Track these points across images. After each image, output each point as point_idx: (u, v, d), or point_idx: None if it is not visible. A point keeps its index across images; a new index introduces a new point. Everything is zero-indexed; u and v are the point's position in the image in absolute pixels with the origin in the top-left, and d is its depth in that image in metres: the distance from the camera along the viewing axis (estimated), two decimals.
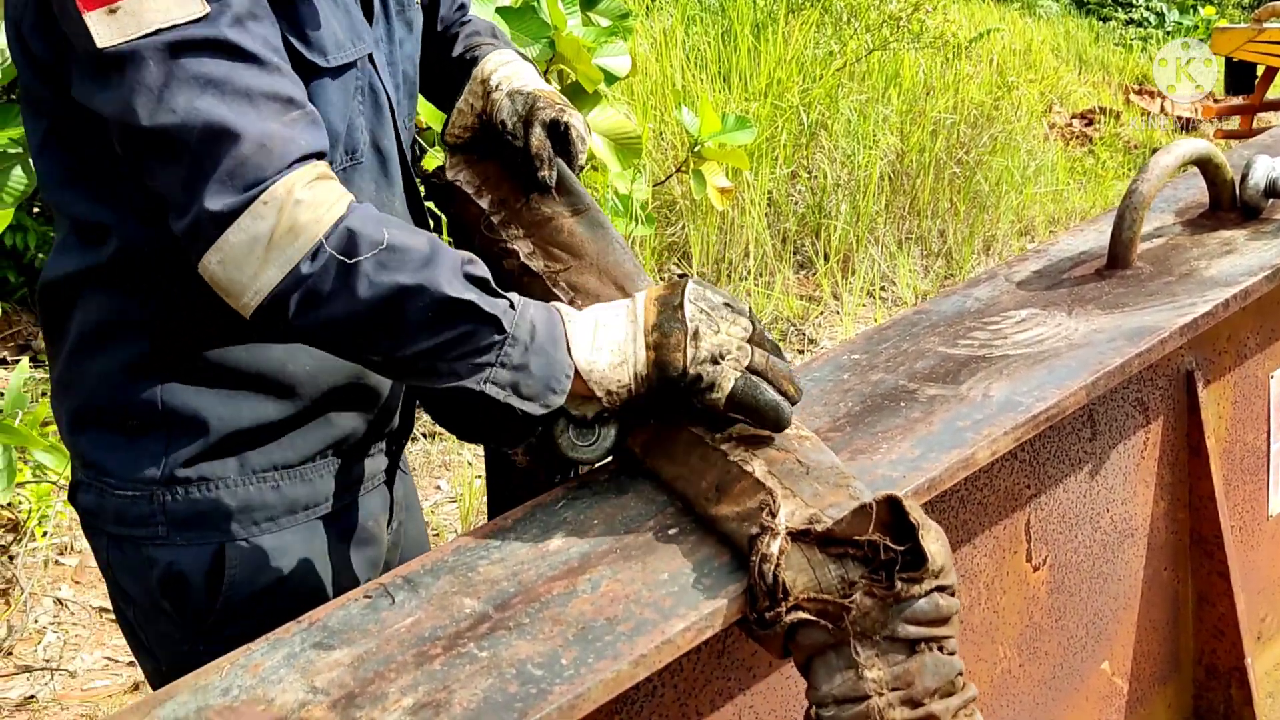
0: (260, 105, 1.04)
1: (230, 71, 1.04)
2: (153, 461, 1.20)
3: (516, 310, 1.08)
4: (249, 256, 1.02)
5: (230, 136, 1.02)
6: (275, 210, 1.02)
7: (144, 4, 1.03)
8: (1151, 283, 1.49)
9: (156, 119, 1.02)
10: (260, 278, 1.03)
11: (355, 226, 1.04)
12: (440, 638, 0.96)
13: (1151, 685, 1.59)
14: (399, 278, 1.03)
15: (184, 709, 0.91)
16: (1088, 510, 1.46)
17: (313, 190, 1.04)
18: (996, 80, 5.97)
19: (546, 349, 1.08)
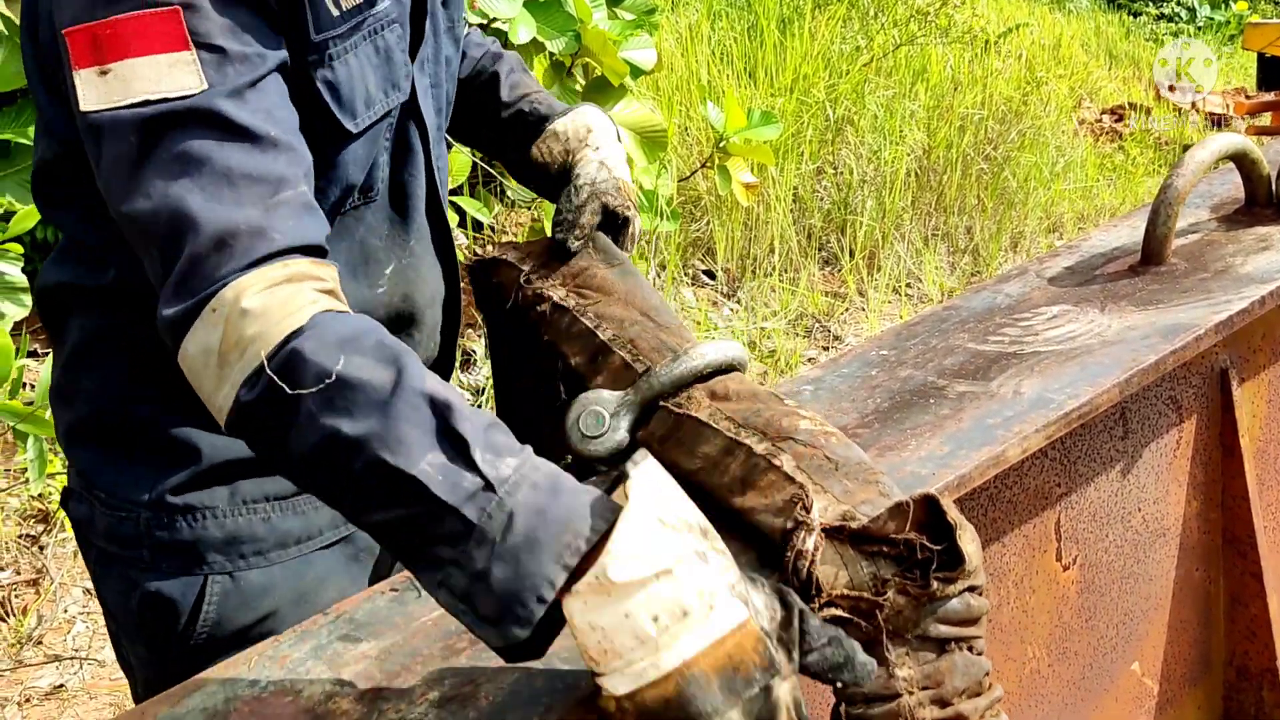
0: (239, 189, 0.92)
1: (214, 150, 0.93)
2: (142, 484, 1.16)
3: (500, 490, 0.80)
4: (205, 370, 0.89)
5: (191, 229, 0.90)
6: (222, 320, 0.88)
7: (136, 70, 0.94)
8: (1186, 279, 1.47)
9: (130, 204, 0.93)
10: (218, 396, 0.89)
11: (305, 349, 0.84)
12: (467, 631, 0.96)
13: (1182, 687, 1.57)
14: (340, 423, 0.82)
15: (212, 699, 0.91)
16: (1119, 509, 1.44)
17: (267, 297, 0.88)
18: (1025, 75, 5.92)
19: (519, 553, 0.79)
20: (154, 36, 0.94)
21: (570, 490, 0.82)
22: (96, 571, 1.22)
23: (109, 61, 0.94)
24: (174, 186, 0.91)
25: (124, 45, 0.94)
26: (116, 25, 0.94)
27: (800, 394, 1.28)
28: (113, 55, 0.94)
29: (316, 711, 0.89)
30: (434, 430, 0.82)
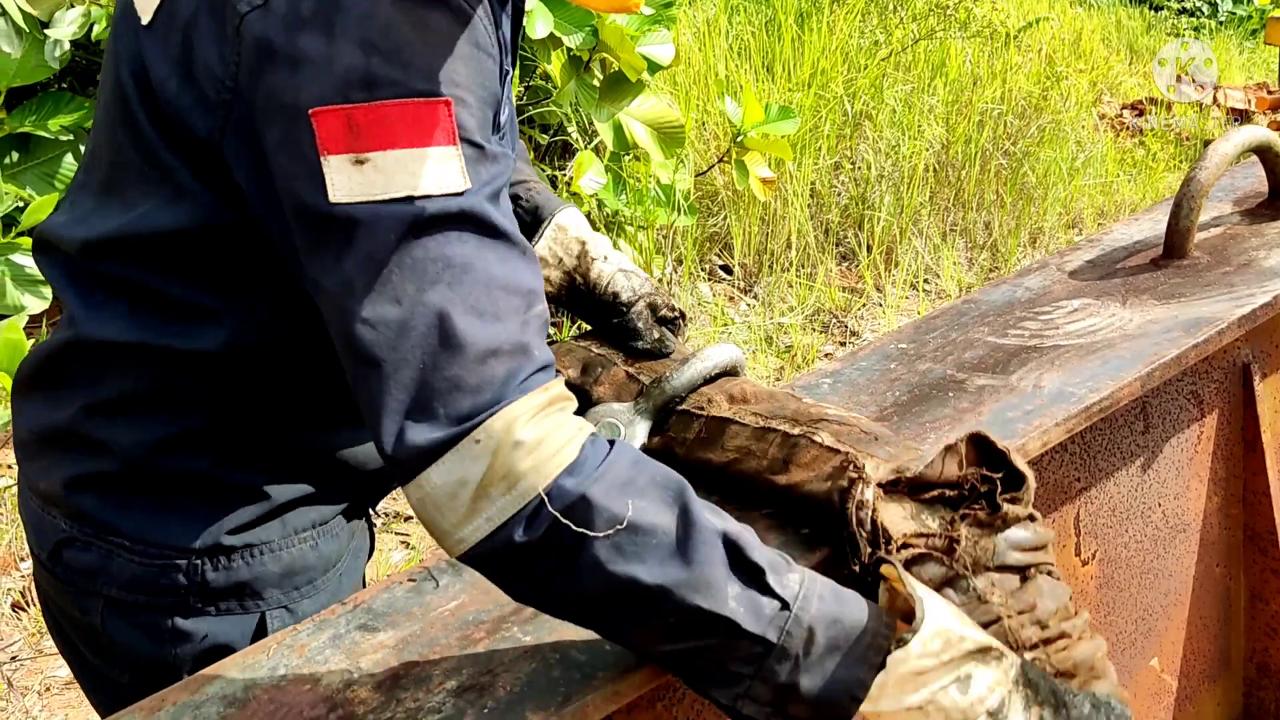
0: (499, 302, 0.85)
1: (475, 257, 0.85)
2: (189, 530, 1.08)
3: (794, 607, 0.85)
4: (450, 502, 0.83)
5: (452, 346, 0.83)
6: (489, 452, 0.82)
7: (401, 163, 0.84)
8: (1209, 273, 1.46)
9: (375, 308, 0.84)
10: (463, 528, 0.84)
11: (593, 494, 0.82)
12: (484, 621, 0.96)
13: (1201, 683, 1.56)
14: (637, 572, 0.82)
15: (232, 687, 0.91)
16: (1139, 504, 1.43)
17: (538, 428, 0.83)
18: (1045, 70, 5.89)
19: (825, 662, 0.85)
20: (423, 128, 0.85)
21: (851, 597, 0.89)
22: (106, 625, 1.12)
23: (368, 150, 0.84)
24: (432, 294, 0.84)
25: (388, 134, 0.84)
26: (380, 111, 0.84)
27: (819, 387, 1.27)
28: (373, 144, 0.84)
29: (335, 700, 0.89)
30: (728, 565, 0.85)
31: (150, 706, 0.90)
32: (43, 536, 1.15)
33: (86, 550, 1.11)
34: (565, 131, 3.81)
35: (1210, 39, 8.25)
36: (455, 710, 0.87)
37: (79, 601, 1.13)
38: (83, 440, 1.10)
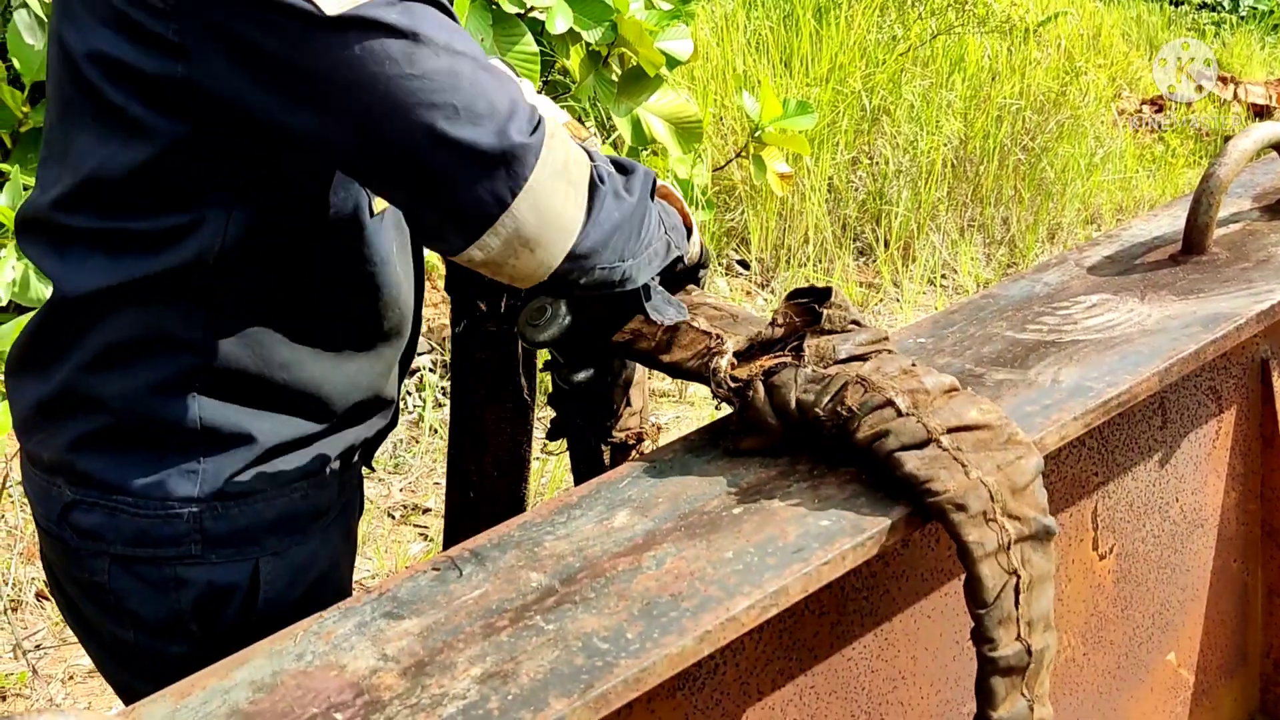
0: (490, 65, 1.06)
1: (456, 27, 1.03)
2: (187, 479, 1.15)
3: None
4: (561, 184, 1.05)
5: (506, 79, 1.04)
6: (555, 133, 1.05)
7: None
8: (1227, 269, 1.46)
9: (426, 64, 0.98)
10: (574, 202, 1.07)
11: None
12: (507, 610, 0.98)
13: (1218, 678, 1.56)
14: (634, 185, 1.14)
15: (260, 672, 0.93)
16: (1156, 499, 1.44)
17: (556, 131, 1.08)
18: (1064, 65, 5.86)
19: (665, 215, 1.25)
20: None
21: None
22: (113, 583, 1.18)
23: None
24: (456, 40, 1.00)
25: None
26: None
27: None
28: None
29: (361, 685, 0.91)
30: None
31: (180, 690, 0.92)
32: (49, 506, 1.20)
33: (91, 511, 1.16)
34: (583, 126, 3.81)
35: (1231, 34, 8.19)
36: (480, 696, 0.88)
37: (87, 563, 1.19)
38: (79, 400, 1.15)
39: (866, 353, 1.13)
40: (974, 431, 1.07)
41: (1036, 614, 1.05)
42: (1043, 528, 1.05)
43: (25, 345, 1.20)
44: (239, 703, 0.90)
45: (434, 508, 3.11)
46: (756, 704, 1.12)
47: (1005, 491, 1.04)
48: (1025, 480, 1.05)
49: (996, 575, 1.03)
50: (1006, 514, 1.04)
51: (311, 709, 0.89)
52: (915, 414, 1.07)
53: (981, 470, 1.04)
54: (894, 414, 1.07)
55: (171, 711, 0.90)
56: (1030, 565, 1.04)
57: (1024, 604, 1.04)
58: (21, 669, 2.48)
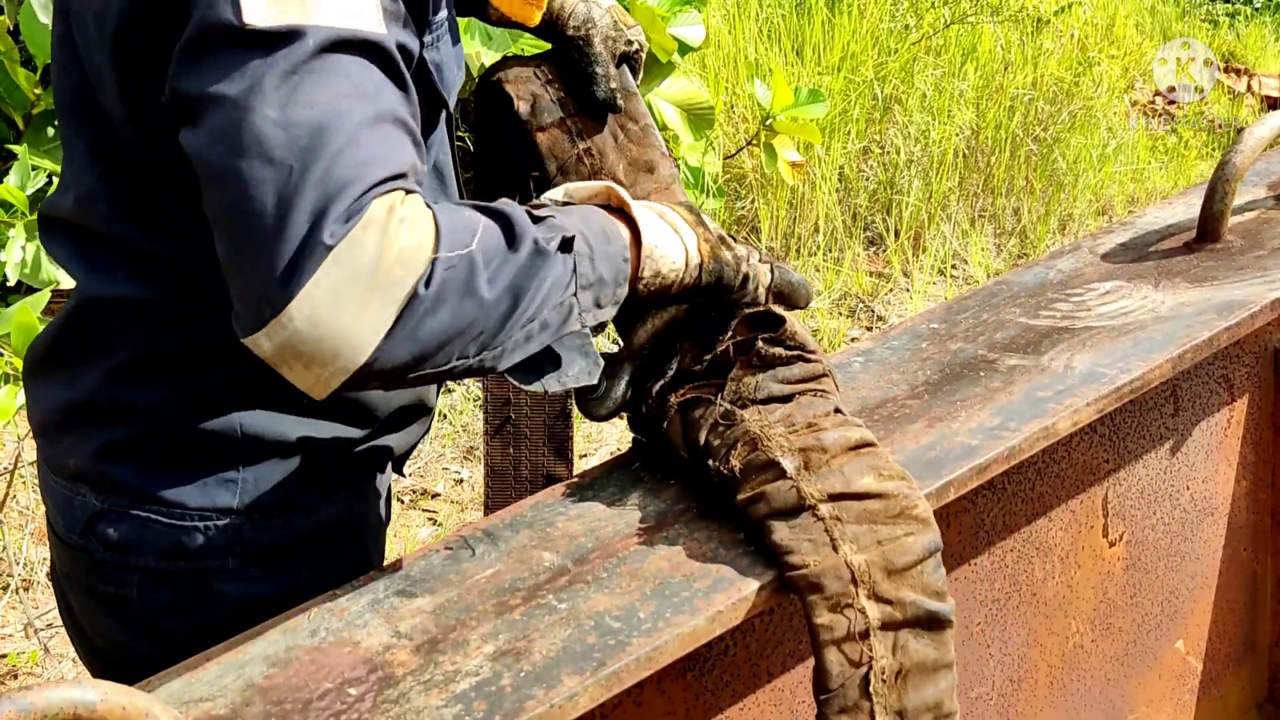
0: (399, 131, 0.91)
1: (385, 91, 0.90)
2: (226, 489, 1.10)
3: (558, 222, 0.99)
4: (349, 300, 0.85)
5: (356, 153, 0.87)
6: (379, 234, 0.86)
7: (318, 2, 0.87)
8: (1241, 256, 1.46)
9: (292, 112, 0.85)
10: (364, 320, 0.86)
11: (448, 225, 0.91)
12: (520, 589, 0.98)
13: (1226, 666, 1.56)
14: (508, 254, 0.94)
15: (274, 647, 0.94)
16: (1167, 487, 1.44)
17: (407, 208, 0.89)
18: (1077, 56, 5.84)
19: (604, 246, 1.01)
20: None
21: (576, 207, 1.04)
22: (142, 596, 1.12)
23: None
24: (344, 103, 0.87)
25: None
26: None
27: (850, 365, 1.28)
28: None
29: (375, 661, 0.91)
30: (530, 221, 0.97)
31: (195, 665, 0.93)
32: (70, 517, 1.13)
33: (121, 521, 1.10)
34: None
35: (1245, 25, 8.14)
36: (492, 673, 0.89)
37: (113, 576, 1.13)
38: (108, 408, 1.09)
39: (791, 393, 1.07)
40: (862, 501, 1.00)
41: (914, 705, 0.97)
42: (926, 613, 0.97)
43: (48, 345, 1.14)
44: (254, 677, 0.91)
45: (442, 493, 3.12)
46: (766, 686, 1.13)
47: (878, 572, 0.97)
48: (907, 560, 0.97)
49: (840, 664, 0.95)
50: (875, 597, 0.96)
51: (325, 684, 0.89)
52: (796, 480, 1.00)
53: (857, 545, 0.97)
54: (775, 475, 1.01)
55: (186, 685, 0.90)
56: (905, 653, 0.96)
57: (887, 693, 0.96)
58: (33, 648, 2.49)
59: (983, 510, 1.25)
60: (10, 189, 2.17)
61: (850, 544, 0.97)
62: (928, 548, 0.98)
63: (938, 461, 1.09)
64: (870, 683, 0.95)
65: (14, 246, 2.31)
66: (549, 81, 1.24)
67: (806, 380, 1.08)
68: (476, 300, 0.91)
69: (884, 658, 0.96)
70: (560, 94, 1.23)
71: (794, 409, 1.06)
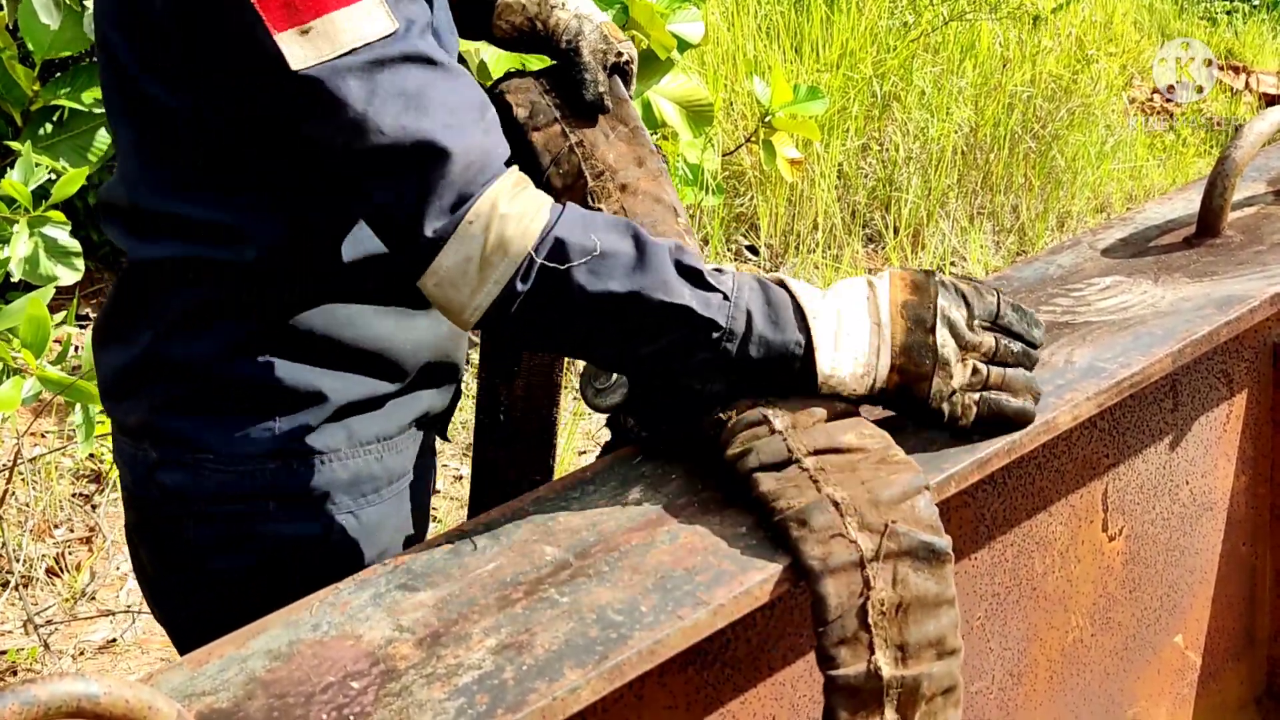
0: (461, 116, 1.04)
1: (427, 85, 1.03)
2: (262, 436, 1.19)
3: (731, 300, 1.05)
4: (463, 278, 1.03)
5: (440, 155, 1.02)
6: (483, 228, 1.02)
7: (336, 24, 1.00)
8: (1241, 252, 1.46)
9: (368, 140, 1.02)
10: (477, 296, 1.03)
11: (563, 235, 1.03)
12: (522, 583, 0.98)
13: (1225, 661, 1.57)
14: (611, 286, 1.03)
15: (276, 641, 0.94)
16: (1166, 482, 1.44)
17: (517, 201, 1.03)
18: (1076, 53, 5.84)
19: (766, 336, 1.05)
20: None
21: (773, 283, 1.09)
22: (197, 539, 1.22)
23: (308, 20, 1.00)
24: (406, 119, 1.01)
25: (316, 4, 1.00)
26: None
27: None
28: (310, 13, 1.00)
29: (377, 655, 0.91)
30: (677, 271, 1.04)
31: (197, 659, 0.93)
32: (135, 470, 1.23)
33: (176, 470, 1.20)
34: None
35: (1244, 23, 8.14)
36: (495, 667, 0.89)
37: (171, 523, 1.23)
38: (161, 364, 1.19)
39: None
40: (845, 454, 1.02)
41: (916, 639, 0.96)
42: (922, 544, 0.97)
43: (107, 315, 1.25)
44: (256, 671, 0.91)
45: (443, 489, 3.12)
46: (768, 679, 1.13)
47: (863, 505, 0.97)
48: (892, 494, 0.98)
49: (838, 594, 0.95)
50: (865, 528, 0.97)
51: (328, 678, 0.90)
52: (785, 435, 1.03)
53: (841, 487, 0.99)
54: (765, 432, 1.04)
55: (189, 679, 0.90)
56: (904, 586, 0.96)
57: (888, 626, 0.95)
58: (33, 644, 2.49)
59: (983, 504, 1.25)
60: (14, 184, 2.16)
61: (834, 486, 0.99)
62: (913, 483, 0.99)
63: (939, 455, 1.09)
64: (868, 613, 0.95)
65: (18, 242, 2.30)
66: (546, 91, 1.30)
67: None
68: (572, 307, 1.04)
69: (883, 589, 0.95)
70: (556, 100, 1.30)
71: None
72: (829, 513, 0.97)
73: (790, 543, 0.97)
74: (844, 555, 0.96)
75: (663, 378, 1.10)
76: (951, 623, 0.98)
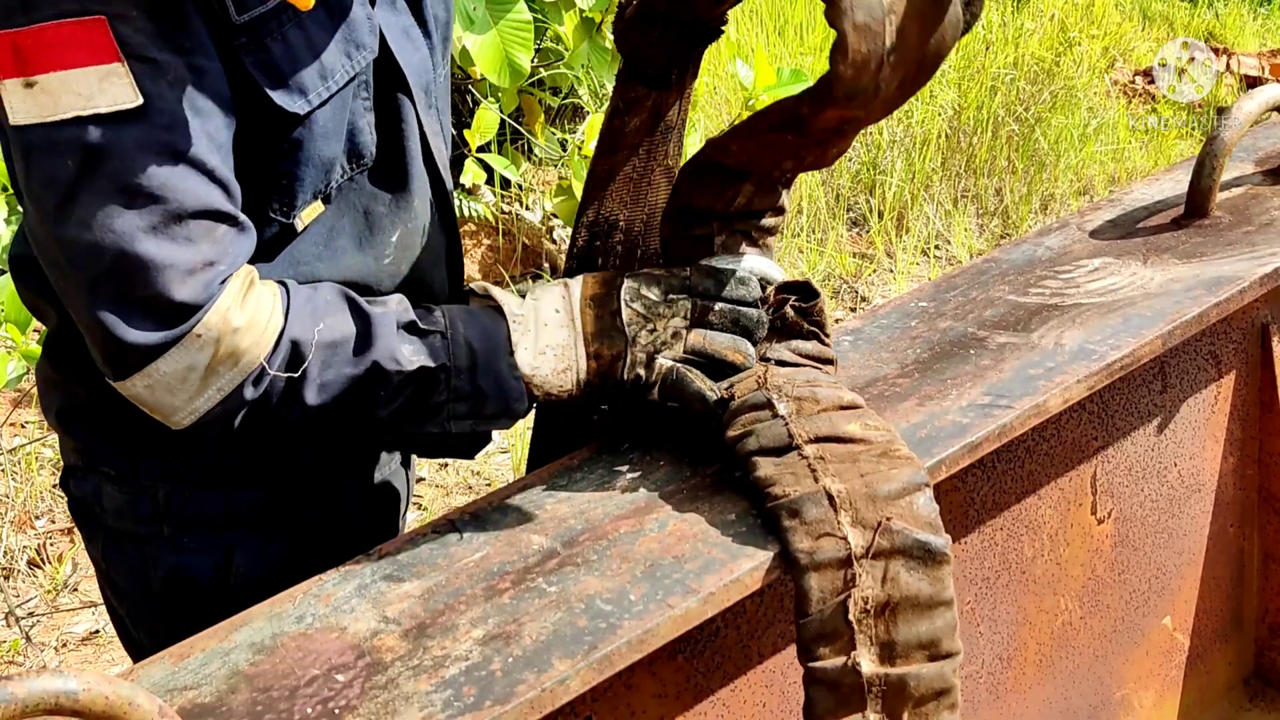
0: (189, 227, 0.92)
1: (159, 184, 0.90)
2: (156, 456, 1.11)
3: (449, 338, 1.03)
4: (183, 384, 0.95)
5: (152, 269, 0.90)
6: (213, 341, 0.94)
7: (65, 84, 0.87)
8: (1230, 232, 1.45)
9: (67, 231, 0.89)
10: (195, 401, 0.96)
11: (296, 335, 0.97)
12: (509, 572, 0.97)
13: (1213, 642, 1.57)
14: (346, 371, 0.99)
15: (259, 634, 0.92)
16: (1155, 464, 1.44)
17: (248, 310, 0.95)
18: (1058, 36, 5.83)
19: (492, 365, 1.03)
20: (80, 47, 0.87)
21: (478, 311, 1.07)
22: (103, 553, 1.17)
23: (35, 73, 0.87)
24: (119, 221, 0.89)
25: (49, 57, 0.87)
26: (39, 34, 0.86)
27: (839, 344, 1.27)
28: (38, 67, 0.87)
29: (362, 648, 0.90)
30: (397, 332, 1.02)
31: (179, 653, 0.91)
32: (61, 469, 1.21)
33: (84, 480, 1.15)
34: (577, 94, 3.78)
35: (1224, 5, 8.15)
36: (482, 658, 0.88)
37: (84, 531, 1.18)
38: (60, 371, 1.12)
39: (800, 364, 1.08)
40: (846, 444, 0.99)
41: (905, 639, 0.94)
42: (917, 543, 0.94)
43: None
44: (239, 664, 0.89)
45: (427, 477, 3.11)
46: (758, 667, 1.12)
47: (860, 500, 0.95)
48: (891, 489, 0.95)
49: (819, 589, 0.93)
50: (859, 524, 0.94)
51: (312, 670, 0.88)
52: (787, 420, 1.01)
53: (839, 478, 0.97)
54: (768, 416, 1.02)
55: (171, 672, 0.89)
56: (894, 585, 0.93)
57: (873, 624, 0.93)
58: (15, 636, 2.47)
59: (973, 489, 1.25)
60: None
61: (832, 477, 0.97)
62: (914, 480, 0.97)
63: (929, 440, 1.09)
64: (849, 610, 0.93)
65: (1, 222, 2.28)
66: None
67: (816, 359, 1.10)
68: (301, 405, 0.99)
69: (870, 587, 0.94)
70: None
71: (796, 372, 1.08)
72: (822, 506, 0.96)
73: (780, 532, 0.96)
74: (831, 551, 0.94)
75: (399, 431, 1.05)
76: (947, 625, 0.95)
